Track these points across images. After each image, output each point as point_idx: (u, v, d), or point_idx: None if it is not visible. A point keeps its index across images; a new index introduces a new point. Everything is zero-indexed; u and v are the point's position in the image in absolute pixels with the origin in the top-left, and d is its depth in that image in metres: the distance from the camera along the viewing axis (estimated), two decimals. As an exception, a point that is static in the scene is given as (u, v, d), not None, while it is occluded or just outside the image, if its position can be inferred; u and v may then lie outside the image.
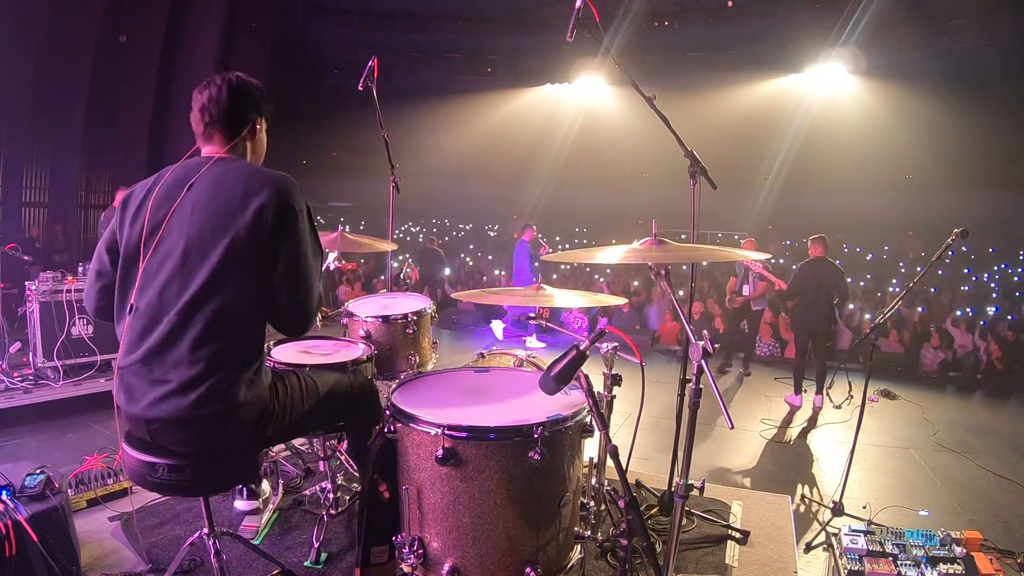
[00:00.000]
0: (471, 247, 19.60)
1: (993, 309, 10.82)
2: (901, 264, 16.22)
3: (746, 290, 7.43)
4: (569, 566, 1.81)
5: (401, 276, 10.16)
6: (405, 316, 3.01)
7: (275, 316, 1.82)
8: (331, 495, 2.79)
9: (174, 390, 1.69)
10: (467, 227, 24.23)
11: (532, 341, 8.35)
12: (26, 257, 6.31)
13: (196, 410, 1.69)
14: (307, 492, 3.09)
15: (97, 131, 9.92)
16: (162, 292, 1.72)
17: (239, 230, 1.70)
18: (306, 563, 2.55)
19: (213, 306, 1.70)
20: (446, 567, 1.70)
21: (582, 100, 16.41)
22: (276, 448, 3.19)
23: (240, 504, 2.73)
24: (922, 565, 2.57)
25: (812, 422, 5.73)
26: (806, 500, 3.75)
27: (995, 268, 15.95)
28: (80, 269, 5.47)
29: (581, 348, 1.63)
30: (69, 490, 2.86)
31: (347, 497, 2.90)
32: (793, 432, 5.45)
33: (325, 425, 2.31)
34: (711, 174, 2.68)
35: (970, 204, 14.32)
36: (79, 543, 2.43)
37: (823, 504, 3.73)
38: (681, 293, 4.54)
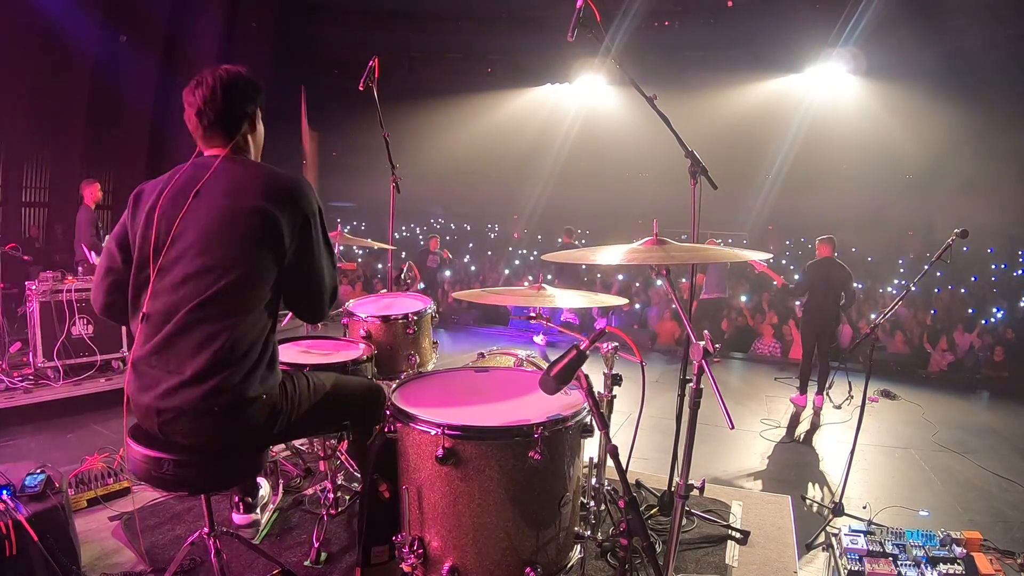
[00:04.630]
0: (471, 246, 19.59)
1: (994, 309, 10.82)
2: (900, 262, 16.21)
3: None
4: (569, 566, 1.81)
5: (403, 277, 10.11)
6: (406, 316, 3.01)
7: (294, 305, 1.92)
8: (331, 495, 2.80)
9: (187, 380, 1.70)
10: (467, 227, 24.22)
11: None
12: (26, 257, 6.30)
13: (208, 401, 1.70)
14: (307, 492, 3.10)
15: (97, 131, 9.89)
16: (177, 288, 1.74)
17: (254, 230, 1.73)
18: (306, 563, 2.55)
19: (227, 302, 1.72)
20: (446, 567, 1.70)
21: (582, 100, 16.37)
22: (276, 448, 3.19)
23: (238, 518, 2.73)
24: (922, 565, 2.57)
25: (812, 422, 5.73)
26: (806, 500, 3.75)
27: (995, 268, 15.94)
28: (80, 269, 5.46)
29: (581, 348, 1.63)
30: (69, 490, 2.87)
31: (347, 497, 2.91)
32: (793, 432, 5.45)
33: (331, 424, 2.25)
34: (711, 174, 2.68)
35: (970, 204, 14.30)
36: (79, 543, 2.43)
37: (823, 504, 3.73)
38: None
